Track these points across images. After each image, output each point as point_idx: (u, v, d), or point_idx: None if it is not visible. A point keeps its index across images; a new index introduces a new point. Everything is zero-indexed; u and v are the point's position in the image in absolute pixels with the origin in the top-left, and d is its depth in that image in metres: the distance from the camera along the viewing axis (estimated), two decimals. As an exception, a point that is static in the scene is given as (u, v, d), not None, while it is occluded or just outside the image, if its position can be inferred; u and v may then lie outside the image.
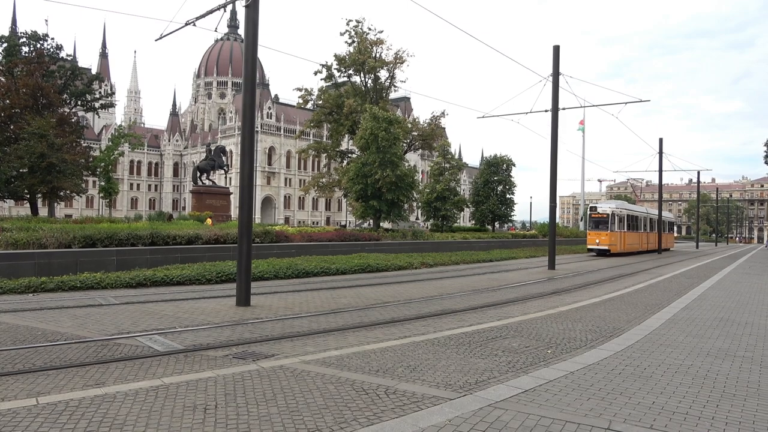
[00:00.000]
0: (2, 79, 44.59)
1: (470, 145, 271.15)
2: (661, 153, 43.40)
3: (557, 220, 33.41)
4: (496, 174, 49.66)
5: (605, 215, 35.27)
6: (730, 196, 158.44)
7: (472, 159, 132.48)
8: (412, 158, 69.06)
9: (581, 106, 27.17)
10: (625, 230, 36.47)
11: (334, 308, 10.84)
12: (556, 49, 23.49)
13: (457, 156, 67.26)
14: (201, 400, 4.97)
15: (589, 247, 36.13)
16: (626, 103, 24.29)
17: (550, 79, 23.39)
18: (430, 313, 10.42)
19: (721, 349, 7.62)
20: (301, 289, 13.81)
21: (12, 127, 42.15)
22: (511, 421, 4.51)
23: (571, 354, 7.13)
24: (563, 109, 24.39)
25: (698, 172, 61.51)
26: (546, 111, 24.12)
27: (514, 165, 49.99)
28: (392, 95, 47.56)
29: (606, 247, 34.53)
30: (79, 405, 4.76)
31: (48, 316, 9.46)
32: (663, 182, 46.97)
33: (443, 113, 45.32)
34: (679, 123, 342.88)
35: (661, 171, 44.14)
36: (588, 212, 36.78)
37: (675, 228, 55.13)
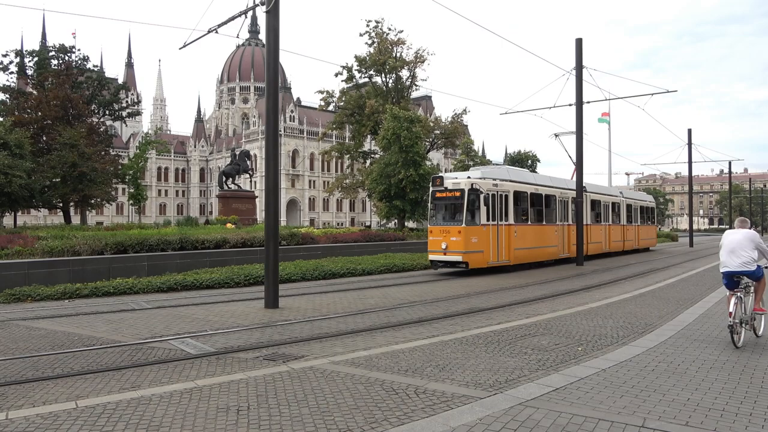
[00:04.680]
0: (34, 92, 45.92)
1: (494, 141, 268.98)
2: (690, 143, 42.44)
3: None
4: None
5: (457, 193, 18.04)
6: (765, 186, 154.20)
7: (496, 155, 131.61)
8: (435, 157, 68.82)
9: (606, 99, 26.64)
10: (511, 222, 19.08)
11: (362, 309, 10.89)
12: (579, 42, 23.18)
13: (480, 153, 66.85)
14: (234, 401, 5.05)
15: (431, 257, 18.73)
16: (653, 94, 23.79)
17: (574, 72, 23.09)
18: (458, 312, 10.40)
19: (758, 344, 7.43)
20: (328, 291, 13.90)
21: (44, 138, 43.34)
22: (543, 420, 4.48)
23: (602, 351, 7.04)
24: (587, 102, 24.03)
25: (729, 163, 59.86)
26: (570, 105, 23.81)
27: (539, 160, 49.41)
28: (413, 94, 47.48)
29: (458, 258, 17.66)
30: (116, 408, 4.88)
31: (84, 322, 9.72)
32: (693, 173, 45.93)
33: (465, 110, 45.05)
34: (710, 112, 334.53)
35: (690, 162, 43.15)
36: (431, 189, 19.19)
37: (654, 217, 38.10)
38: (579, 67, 22.93)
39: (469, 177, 18.39)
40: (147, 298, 12.89)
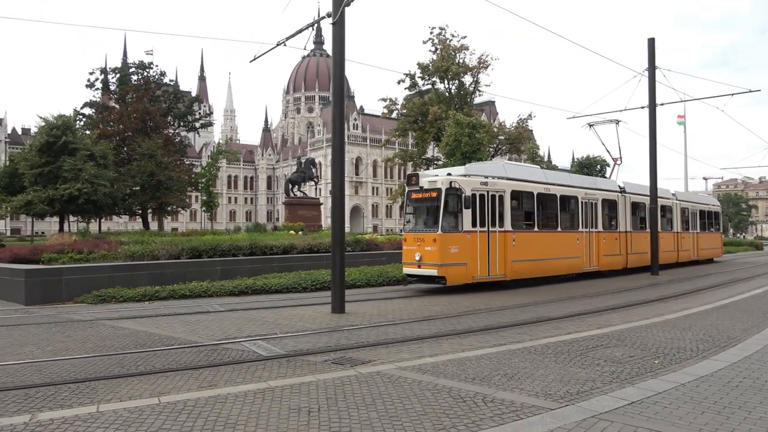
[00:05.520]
0: (116, 106, 49.04)
1: (560, 146, 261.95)
2: (776, 146, 39.60)
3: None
4: (589, 176, 47.63)
5: (434, 193, 14.95)
6: None
7: (563, 161, 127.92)
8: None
9: (681, 101, 25.40)
10: (507, 228, 15.91)
11: (427, 315, 10.90)
12: (651, 42, 22.26)
13: (546, 159, 65.28)
14: (305, 403, 5.19)
15: (405, 270, 15.71)
16: (733, 94, 22.44)
17: (646, 73, 22.18)
18: (525, 321, 10.20)
19: None
20: (392, 297, 13.98)
21: (125, 149, 46.17)
22: (618, 434, 4.33)
23: (681, 365, 6.71)
24: (661, 104, 22.97)
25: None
26: (642, 107, 22.84)
27: (608, 165, 47.68)
28: (477, 100, 47.08)
29: (433, 272, 14.66)
30: (195, 405, 5.13)
31: (163, 323, 10.26)
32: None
33: (530, 115, 44.22)
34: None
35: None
36: (406, 189, 16.26)
37: (718, 223, 32.23)
38: (652, 67, 22.00)
39: (449, 174, 15.29)
40: (220, 301, 13.44)
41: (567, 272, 18.64)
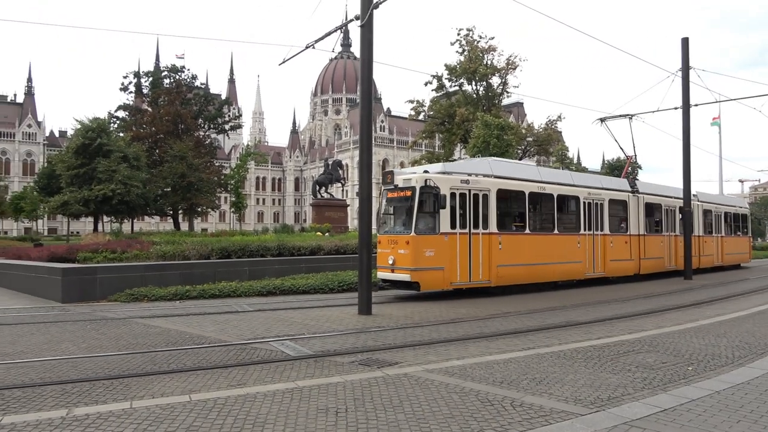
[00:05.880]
0: (149, 109, 50.18)
1: (590, 148, 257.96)
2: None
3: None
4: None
5: (408, 192, 13.94)
6: None
7: (593, 163, 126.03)
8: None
9: (716, 101, 24.71)
10: (492, 229, 14.71)
11: (453, 318, 10.85)
12: (685, 42, 21.77)
13: (576, 160, 64.40)
14: (332, 403, 5.22)
15: (379, 275, 14.47)
16: (771, 94, 21.82)
17: (679, 74, 21.69)
18: (554, 325, 10.07)
19: None
20: (418, 299, 13.95)
21: (157, 151, 47.19)
22: (651, 441, 4.24)
23: (716, 372, 6.54)
24: (695, 105, 22.45)
25: None
26: (676, 108, 22.36)
27: (640, 167, 46.96)
28: (505, 101, 46.76)
29: (405, 277, 13.61)
30: (225, 403, 5.21)
31: (193, 321, 10.45)
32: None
33: (559, 117, 43.70)
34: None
35: (817, 168, 38.75)
36: (382, 188, 15.03)
37: (746, 226, 30.49)
38: (686, 67, 21.51)
39: (426, 171, 14.36)
40: (248, 301, 13.61)
41: (566, 278, 17.21)
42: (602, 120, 22.39)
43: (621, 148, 24.92)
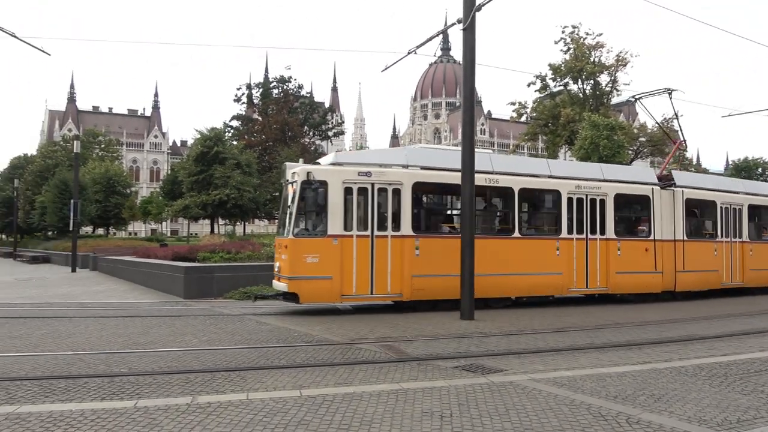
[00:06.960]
0: (259, 118, 53.26)
1: (711, 148, 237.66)
2: None
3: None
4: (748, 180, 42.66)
5: (293, 188, 11.85)
6: None
7: (715, 164, 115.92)
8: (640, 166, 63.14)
9: None
10: (407, 231, 12.05)
11: (560, 327, 10.44)
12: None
13: (695, 161, 59.62)
14: (437, 407, 5.22)
15: (275, 282, 12.32)
16: None
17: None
18: (672, 339, 9.37)
19: None
20: (522, 305, 13.57)
21: (266, 157, 49.91)
22: (792, 472, 3.82)
23: None
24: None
25: None
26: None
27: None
28: (614, 100, 44.34)
29: (283, 286, 11.74)
30: (333, 400, 5.38)
31: (301, 320, 10.91)
32: None
33: (676, 114, 40.61)
34: None
35: None
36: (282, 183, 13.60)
37: None
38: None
39: (317, 163, 12.77)
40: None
41: (537, 294, 13.80)
42: (636, 98, 18.98)
43: (666, 132, 19.91)
